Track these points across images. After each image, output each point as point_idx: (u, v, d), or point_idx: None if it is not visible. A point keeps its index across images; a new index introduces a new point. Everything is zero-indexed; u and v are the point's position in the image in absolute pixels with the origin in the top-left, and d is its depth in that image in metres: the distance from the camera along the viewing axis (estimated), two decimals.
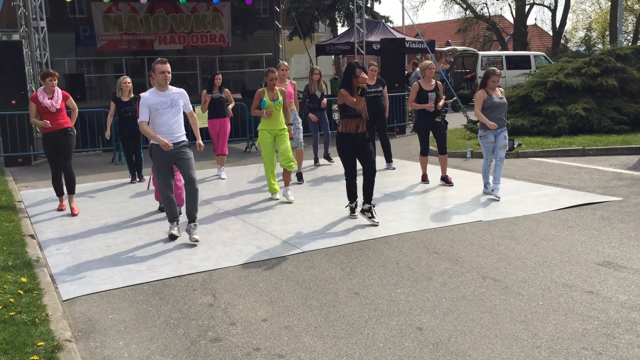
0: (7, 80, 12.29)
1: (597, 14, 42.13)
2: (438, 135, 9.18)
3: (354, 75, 6.87)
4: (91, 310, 4.82)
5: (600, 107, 13.20)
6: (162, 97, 6.46)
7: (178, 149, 6.52)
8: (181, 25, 22.06)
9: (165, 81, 6.44)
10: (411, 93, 9.17)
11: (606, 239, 6.17)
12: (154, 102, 6.41)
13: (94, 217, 7.81)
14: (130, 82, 10.00)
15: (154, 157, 6.57)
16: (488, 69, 8.30)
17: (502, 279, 5.15)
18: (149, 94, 6.51)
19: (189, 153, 6.59)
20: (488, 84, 7.99)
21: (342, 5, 28.82)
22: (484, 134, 8.12)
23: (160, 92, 6.49)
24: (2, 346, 3.94)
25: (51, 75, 7.88)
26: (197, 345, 4.13)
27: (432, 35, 36.68)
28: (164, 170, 6.56)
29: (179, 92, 6.61)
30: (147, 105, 6.40)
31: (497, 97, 7.98)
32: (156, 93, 6.49)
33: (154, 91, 6.52)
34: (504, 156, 8.20)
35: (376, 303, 4.74)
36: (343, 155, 7.14)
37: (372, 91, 10.33)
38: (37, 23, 13.48)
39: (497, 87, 8.09)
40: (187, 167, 6.55)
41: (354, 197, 7.32)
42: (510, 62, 23.41)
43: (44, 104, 7.77)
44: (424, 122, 9.19)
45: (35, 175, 11.24)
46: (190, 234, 6.54)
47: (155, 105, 6.40)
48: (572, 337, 4.05)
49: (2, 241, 6.37)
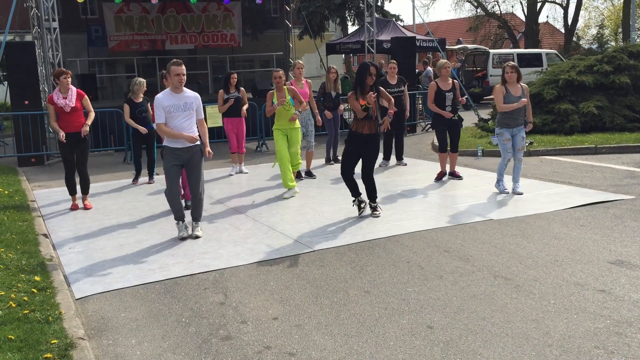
0: (20, 81, 12.41)
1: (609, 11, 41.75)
2: (453, 133, 9.25)
3: (367, 73, 6.87)
4: (104, 308, 4.86)
5: (613, 105, 13.09)
6: (176, 100, 6.44)
7: (191, 153, 6.54)
8: (192, 25, 22.13)
9: (180, 83, 6.41)
10: (430, 93, 9.15)
11: (618, 237, 6.13)
12: (167, 105, 6.40)
13: (107, 216, 7.87)
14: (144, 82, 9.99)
15: (165, 158, 6.59)
16: (504, 64, 8.24)
17: (513, 278, 5.14)
18: (163, 95, 6.49)
19: (200, 162, 6.62)
20: (505, 79, 7.97)
21: (352, 4, 28.77)
22: (500, 132, 8.07)
23: (175, 94, 6.47)
24: (16, 344, 3.99)
25: (64, 73, 7.96)
26: (209, 344, 4.16)
27: (443, 34, 36.56)
28: (173, 172, 6.58)
29: (194, 96, 6.58)
30: (161, 107, 6.40)
31: (515, 95, 7.91)
32: (170, 95, 6.47)
33: (168, 93, 6.51)
34: (522, 157, 8.17)
35: (387, 301, 4.75)
36: (346, 150, 7.18)
37: (394, 91, 10.42)
38: (50, 24, 13.57)
39: (518, 83, 8.00)
40: (195, 178, 6.63)
41: (357, 191, 7.31)
42: (522, 60, 23.25)
43: (58, 104, 7.85)
44: (441, 119, 9.20)
45: (49, 175, 11.34)
46: (193, 231, 6.76)
47: (168, 107, 6.40)
48: (583, 336, 4.03)
49: (16, 240, 6.43)
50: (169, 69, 6.45)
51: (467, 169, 10.17)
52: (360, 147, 7.12)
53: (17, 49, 12.71)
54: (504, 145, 8.10)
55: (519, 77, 8.01)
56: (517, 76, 7.97)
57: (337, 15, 29.94)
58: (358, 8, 28.27)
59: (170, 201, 6.70)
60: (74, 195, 8.32)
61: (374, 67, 6.92)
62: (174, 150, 6.52)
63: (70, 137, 8.00)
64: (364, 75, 6.91)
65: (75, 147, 8.10)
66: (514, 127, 8.04)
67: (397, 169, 10.58)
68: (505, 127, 8.03)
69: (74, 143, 8.07)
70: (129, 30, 21.23)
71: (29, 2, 16.15)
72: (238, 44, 23.07)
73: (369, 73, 6.87)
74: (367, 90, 6.91)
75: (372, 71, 6.88)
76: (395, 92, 10.45)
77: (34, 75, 12.78)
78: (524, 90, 8.06)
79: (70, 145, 8.05)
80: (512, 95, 7.92)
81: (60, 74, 7.95)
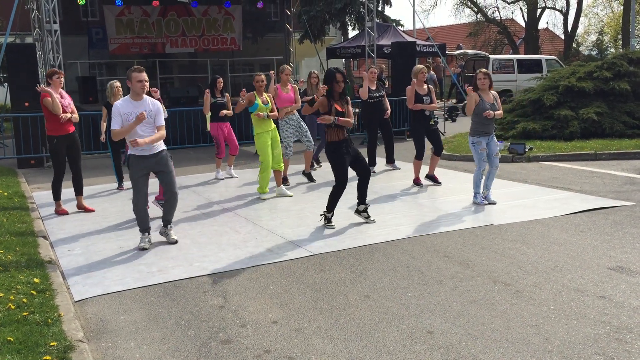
0: (21, 82, 12.42)
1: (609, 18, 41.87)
2: (434, 138, 9.33)
3: (334, 81, 6.91)
4: (103, 311, 4.85)
5: (613, 112, 13.11)
6: (134, 108, 6.24)
7: (158, 159, 6.41)
8: (192, 29, 22.14)
9: (142, 90, 6.26)
10: (409, 95, 9.13)
11: (618, 243, 6.13)
12: (125, 112, 6.20)
13: (105, 218, 7.86)
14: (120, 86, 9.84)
15: (131, 166, 6.39)
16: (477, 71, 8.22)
17: (513, 283, 5.13)
18: (122, 102, 6.31)
19: (169, 165, 6.48)
20: (478, 85, 7.91)
21: (352, 9, 28.84)
22: (477, 140, 7.96)
23: (134, 101, 6.29)
24: (16, 346, 3.98)
25: (57, 73, 7.99)
26: (208, 347, 4.15)
27: (443, 39, 36.63)
28: (140, 181, 6.39)
29: (154, 104, 6.39)
30: (119, 114, 6.19)
31: (489, 102, 7.90)
32: (130, 102, 6.29)
33: (127, 100, 6.32)
34: (498, 163, 8.13)
35: (386, 306, 4.74)
36: (340, 163, 6.98)
37: (375, 96, 10.49)
38: (51, 26, 13.58)
39: (489, 91, 7.96)
40: (169, 183, 6.51)
41: (334, 207, 7.15)
42: (522, 66, 23.31)
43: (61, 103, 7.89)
44: (420, 126, 9.29)
45: (48, 177, 11.26)
46: (168, 236, 6.65)
47: (126, 115, 6.20)
48: (583, 342, 4.02)
49: (14, 242, 6.43)
50: (129, 75, 6.25)
51: (466, 174, 10.18)
52: (347, 152, 7.06)
53: (18, 51, 12.73)
54: (480, 155, 7.96)
55: (491, 84, 7.98)
56: (489, 83, 7.94)
57: (338, 19, 30.02)
58: (358, 13, 28.35)
59: (136, 212, 6.48)
60: (58, 200, 8.25)
61: (340, 74, 6.94)
62: (140, 159, 6.33)
63: (63, 140, 8.01)
64: (331, 82, 6.94)
65: (69, 147, 8.12)
66: (489, 135, 7.99)
67: (394, 174, 10.58)
68: (483, 135, 7.95)
69: (67, 144, 8.09)
70: (129, 33, 21.24)
71: (30, 4, 16.18)
72: (238, 48, 23.09)
73: (337, 80, 6.90)
74: (336, 97, 6.95)
75: (339, 78, 6.91)
76: (376, 96, 10.51)
77: (34, 77, 12.77)
78: (496, 97, 8.02)
79: (65, 146, 8.07)
80: (486, 102, 7.88)
81: (53, 73, 7.97)
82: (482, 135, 7.94)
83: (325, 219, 7.16)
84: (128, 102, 6.30)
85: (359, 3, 27.57)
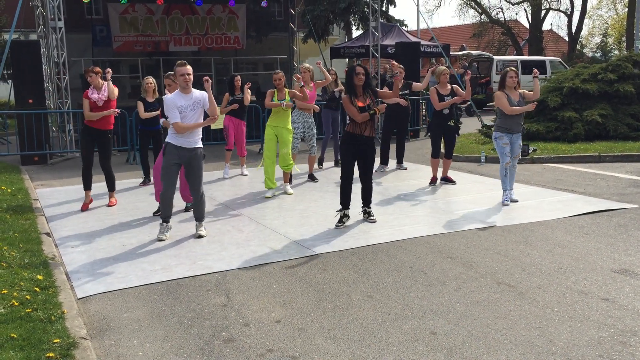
0: (25, 79, 12.44)
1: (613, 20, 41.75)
2: (449, 139, 9.39)
3: (353, 74, 6.90)
4: (106, 308, 4.85)
5: (617, 114, 13.08)
6: (186, 100, 6.53)
7: (192, 154, 6.61)
8: (196, 27, 22.15)
9: (186, 83, 6.49)
10: (432, 96, 9.20)
11: (622, 246, 6.11)
12: (180, 105, 6.47)
13: (109, 216, 7.87)
14: (154, 82, 9.91)
15: (166, 154, 6.63)
16: (505, 69, 8.25)
17: (516, 285, 5.12)
18: (174, 96, 6.56)
19: (200, 163, 6.69)
20: (507, 83, 7.94)
21: (357, 9, 28.82)
22: (499, 135, 8.04)
23: (184, 94, 6.55)
24: (19, 342, 3.98)
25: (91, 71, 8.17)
26: (211, 346, 4.15)
27: (447, 40, 36.57)
28: (172, 170, 6.62)
29: (201, 94, 6.65)
30: (175, 107, 6.46)
31: (515, 100, 7.92)
32: (180, 96, 6.55)
33: (178, 94, 6.59)
34: (516, 164, 8.16)
35: (390, 306, 4.73)
36: (344, 153, 7.09)
37: (401, 94, 10.44)
38: (55, 23, 13.59)
39: (517, 90, 8.01)
40: (195, 181, 6.71)
41: (348, 203, 7.16)
42: (526, 67, 23.26)
43: (92, 98, 8.07)
44: (438, 125, 9.27)
45: (51, 174, 11.34)
46: (196, 230, 6.84)
47: (180, 107, 6.48)
48: (587, 345, 4.01)
49: (18, 239, 6.43)
50: (174, 71, 6.53)
51: (470, 175, 10.17)
52: (358, 149, 7.07)
53: (22, 48, 12.73)
54: (502, 149, 8.01)
55: (519, 83, 8.03)
56: (518, 82, 7.99)
57: (342, 19, 30.00)
58: (363, 13, 28.33)
59: (163, 199, 6.70)
60: (87, 190, 8.35)
61: (360, 67, 6.96)
62: (177, 148, 6.57)
63: (92, 132, 8.18)
64: (351, 77, 6.94)
65: (97, 140, 8.26)
66: (514, 134, 8.01)
67: (399, 174, 10.58)
68: (506, 132, 7.98)
69: (95, 137, 8.24)
70: (133, 31, 21.25)
71: (35, 1, 16.21)
72: (242, 47, 23.09)
73: (356, 73, 6.88)
74: (359, 92, 6.92)
75: (358, 71, 6.90)
76: (401, 95, 10.48)
77: (38, 74, 12.81)
78: (522, 95, 8.03)
79: (92, 139, 8.24)
80: (513, 101, 7.91)
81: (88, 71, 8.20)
82: (505, 132, 7.98)
83: (339, 216, 7.14)
84: (179, 95, 6.55)
85: (363, 3, 27.56)
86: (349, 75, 6.99)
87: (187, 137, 6.57)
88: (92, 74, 8.11)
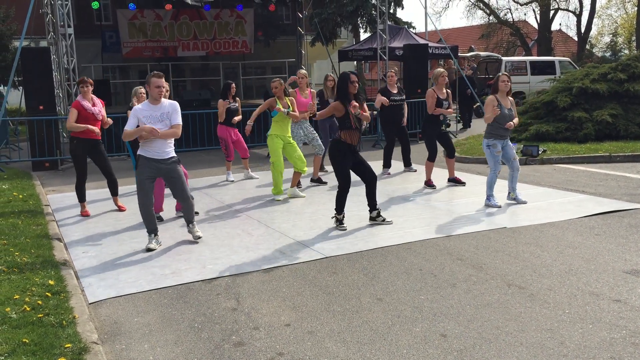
0: (35, 86, 12.53)
1: (623, 19, 41.50)
2: (445, 141, 9.44)
3: (348, 81, 6.88)
4: (117, 313, 4.87)
5: (627, 113, 13.00)
6: (153, 111, 6.38)
7: (168, 165, 6.49)
8: (204, 32, 22.25)
9: (160, 95, 6.37)
10: (430, 100, 9.15)
11: (634, 247, 6.07)
12: (144, 115, 6.34)
13: (119, 221, 7.91)
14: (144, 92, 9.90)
15: (139, 168, 6.49)
16: (497, 74, 8.19)
17: (527, 287, 5.10)
18: (142, 105, 6.48)
19: (179, 171, 6.58)
20: (499, 87, 7.85)
21: (364, 11, 28.83)
22: (493, 143, 7.89)
23: (153, 105, 6.43)
24: (31, 347, 4.01)
25: (83, 82, 8.19)
26: (221, 349, 4.16)
27: (455, 41, 36.52)
28: (147, 184, 6.48)
29: (171, 105, 6.49)
30: (136, 116, 6.36)
31: (506, 108, 7.83)
32: (148, 106, 6.44)
33: (147, 104, 6.48)
34: (518, 165, 8.09)
35: (399, 309, 4.72)
36: (342, 164, 7.03)
37: (396, 99, 10.53)
38: (65, 30, 13.72)
39: (508, 97, 7.91)
40: (180, 188, 6.63)
41: (343, 208, 7.20)
42: (535, 68, 23.19)
43: (89, 110, 8.06)
44: (432, 130, 9.37)
45: (62, 180, 11.42)
46: (193, 233, 6.81)
47: (145, 118, 6.33)
48: (599, 346, 3.99)
49: (30, 244, 6.48)
50: (148, 81, 6.37)
51: (480, 176, 10.13)
52: (354, 158, 7.08)
53: (33, 55, 12.83)
54: (496, 158, 7.90)
55: (510, 88, 7.93)
56: (510, 86, 7.89)
57: (350, 22, 30.01)
58: (370, 15, 28.34)
59: (143, 213, 6.57)
60: (83, 202, 8.39)
61: (354, 75, 6.96)
62: (148, 160, 6.43)
63: (83, 143, 8.14)
64: (346, 84, 6.91)
65: (95, 148, 8.29)
66: (505, 139, 7.94)
67: (408, 176, 10.57)
68: (499, 138, 7.89)
69: (90, 148, 8.26)
70: (142, 37, 21.39)
71: (45, 8, 16.34)
72: (250, 51, 23.16)
73: (351, 81, 6.88)
74: (351, 99, 6.92)
75: (353, 79, 6.90)
76: (397, 100, 10.55)
77: (48, 81, 12.90)
78: (512, 103, 7.94)
79: (87, 150, 8.24)
80: (503, 107, 7.79)
81: (80, 82, 8.22)
82: (497, 139, 7.89)
83: (337, 220, 7.18)
84: (147, 105, 6.47)
85: (371, 5, 27.56)
86: (344, 82, 6.94)
87: (157, 148, 6.40)
88: (89, 85, 8.13)
